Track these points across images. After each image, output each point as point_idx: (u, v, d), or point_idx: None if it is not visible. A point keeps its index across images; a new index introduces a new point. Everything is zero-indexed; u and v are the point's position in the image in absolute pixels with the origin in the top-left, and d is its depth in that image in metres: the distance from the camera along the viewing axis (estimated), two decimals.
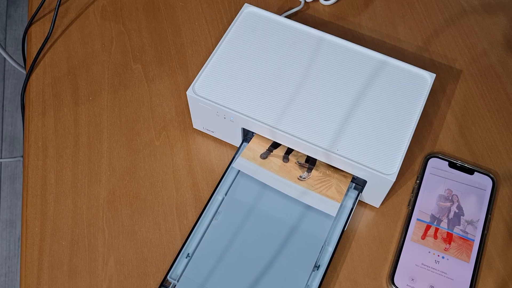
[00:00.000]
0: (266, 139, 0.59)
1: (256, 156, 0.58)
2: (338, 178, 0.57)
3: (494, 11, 0.73)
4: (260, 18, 0.63)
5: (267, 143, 0.59)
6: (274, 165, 0.58)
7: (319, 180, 0.57)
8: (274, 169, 0.58)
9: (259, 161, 0.58)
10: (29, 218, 0.59)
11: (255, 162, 0.58)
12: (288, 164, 0.58)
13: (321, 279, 0.53)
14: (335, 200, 0.56)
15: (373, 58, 0.60)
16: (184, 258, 0.54)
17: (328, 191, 0.56)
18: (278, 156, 0.59)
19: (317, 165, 0.58)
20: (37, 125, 0.65)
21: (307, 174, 0.57)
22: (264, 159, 0.58)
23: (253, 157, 0.58)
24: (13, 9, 1.79)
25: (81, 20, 0.73)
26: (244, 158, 0.58)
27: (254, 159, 0.58)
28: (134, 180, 0.61)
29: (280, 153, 0.59)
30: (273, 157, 0.58)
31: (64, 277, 0.55)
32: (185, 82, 0.67)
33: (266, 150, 0.59)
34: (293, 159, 0.58)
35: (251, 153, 0.59)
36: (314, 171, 0.57)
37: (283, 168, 0.58)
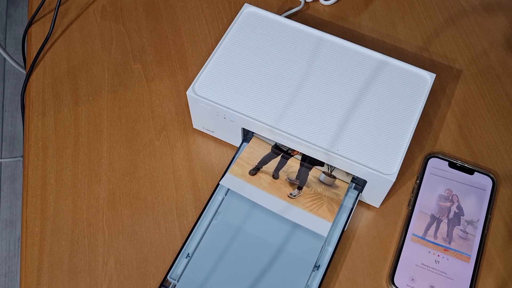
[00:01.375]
0: (255, 155, 0.58)
1: (245, 172, 0.57)
2: (329, 196, 0.56)
3: (494, 11, 0.73)
4: (260, 18, 0.63)
5: (256, 159, 0.58)
6: (264, 182, 0.56)
7: (310, 198, 0.55)
8: (263, 186, 0.56)
9: (247, 178, 0.56)
10: (29, 218, 0.59)
11: (244, 178, 0.56)
12: (278, 181, 0.56)
13: (321, 279, 0.53)
14: (326, 219, 0.54)
15: (373, 58, 0.60)
16: (184, 258, 0.54)
17: (319, 210, 0.55)
18: (268, 173, 0.57)
19: (309, 182, 0.56)
20: (37, 125, 0.65)
21: (297, 192, 0.56)
22: (253, 175, 0.56)
23: (241, 173, 0.57)
24: (13, 9, 1.79)
25: (81, 20, 0.73)
26: (232, 175, 0.57)
27: (242, 176, 0.56)
28: (134, 180, 0.61)
29: (270, 169, 0.57)
30: (262, 174, 0.57)
31: (64, 277, 0.55)
32: (185, 82, 0.67)
33: (255, 166, 0.57)
34: (283, 175, 0.57)
35: (239, 169, 0.57)
36: (305, 188, 0.56)
37: (273, 185, 0.56)
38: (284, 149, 0.59)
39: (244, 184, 0.56)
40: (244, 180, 0.56)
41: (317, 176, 0.57)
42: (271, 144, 0.59)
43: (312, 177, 0.57)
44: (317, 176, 0.57)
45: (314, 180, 0.57)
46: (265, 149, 0.59)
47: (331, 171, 0.57)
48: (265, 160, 0.58)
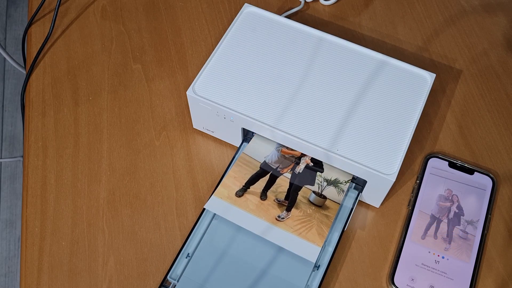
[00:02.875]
0: (242, 174, 0.56)
1: (231, 193, 0.54)
2: (319, 218, 0.53)
3: (494, 11, 0.73)
4: (260, 18, 0.63)
5: (243, 178, 0.56)
6: (251, 204, 0.54)
7: (299, 220, 0.53)
8: (250, 208, 0.53)
9: (233, 200, 0.54)
10: (29, 218, 0.59)
11: (230, 201, 0.54)
12: (265, 202, 0.54)
13: (321, 279, 0.53)
14: (315, 243, 0.52)
15: (373, 58, 0.60)
16: (184, 258, 0.54)
17: (308, 233, 0.52)
18: (255, 194, 0.54)
19: (298, 203, 0.54)
20: (37, 125, 0.65)
21: (286, 214, 0.53)
22: (240, 197, 0.54)
23: (227, 195, 0.54)
24: (13, 9, 1.79)
25: (81, 20, 0.73)
26: (217, 197, 0.54)
27: (228, 198, 0.54)
28: (134, 180, 0.61)
29: (257, 189, 0.55)
30: (249, 195, 0.54)
31: (64, 277, 0.55)
32: (185, 82, 0.67)
33: (243, 186, 0.55)
34: (272, 196, 0.55)
35: (225, 190, 0.55)
36: (294, 210, 0.54)
37: (260, 207, 0.54)
38: (273, 166, 0.57)
39: (230, 207, 0.54)
40: (230, 203, 0.54)
41: (306, 197, 0.55)
42: (259, 161, 0.57)
43: (301, 197, 0.55)
44: (307, 196, 0.55)
45: (303, 200, 0.55)
46: (253, 168, 0.57)
47: (322, 191, 0.55)
48: (252, 179, 0.56)
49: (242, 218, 0.53)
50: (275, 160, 0.57)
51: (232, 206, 0.54)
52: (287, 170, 0.57)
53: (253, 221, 0.53)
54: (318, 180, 0.56)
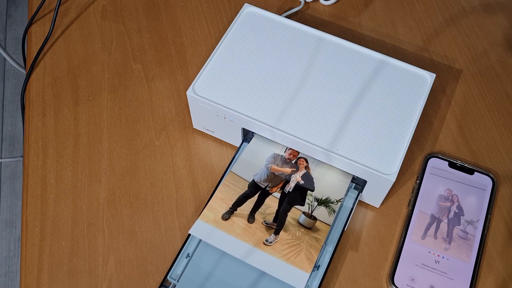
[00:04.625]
0: (229, 195, 0.54)
1: (217, 216, 0.52)
2: (308, 242, 0.52)
3: (494, 11, 0.73)
4: (260, 18, 0.63)
5: (231, 200, 0.54)
6: (237, 227, 0.52)
7: (288, 244, 0.51)
8: (236, 233, 0.51)
9: (219, 223, 0.52)
10: (29, 218, 0.59)
11: (215, 224, 0.52)
12: (253, 225, 0.52)
13: (321, 279, 0.53)
14: (304, 269, 0.50)
15: (373, 58, 0.60)
16: (184, 258, 0.54)
17: (296, 258, 0.51)
18: (243, 216, 0.52)
19: (287, 225, 0.52)
20: (37, 125, 0.65)
21: (274, 238, 0.51)
22: (226, 220, 0.52)
23: (213, 218, 0.52)
24: (13, 9, 1.79)
25: (81, 20, 0.73)
26: (202, 221, 0.52)
27: (214, 221, 0.52)
28: (134, 180, 0.61)
29: (245, 211, 0.53)
30: (236, 217, 0.52)
31: (64, 277, 0.55)
32: (185, 82, 0.67)
33: (229, 208, 0.53)
34: (260, 218, 0.53)
35: (211, 214, 0.52)
36: (282, 233, 0.52)
37: (247, 230, 0.52)
38: (262, 186, 0.55)
39: (215, 231, 0.52)
40: (215, 227, 0.52)
41: (296, 218, 0.53)
42: (248, 180, 0.56)
43: (291, 219, 0.53)
44: (296, 217, 0.53)
45: (293, 222, 0.53)
46: (241, 188, 0.55)
47: (312, 211, 0.54)
48: (240, 200, 0.54)
49: (227, 243, 0.51)
50: (264, 179, 0.56)
51: (218, 230, 0.52)
52: (277, 189, 0.55)
53: (239, 246, 0.51)
54: (308, 200, 0.54)
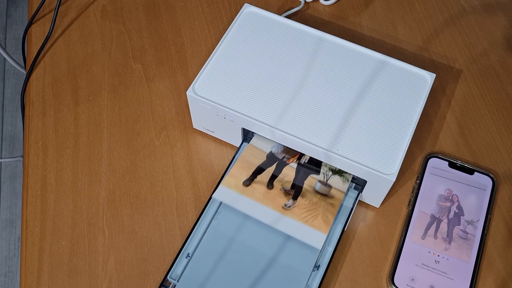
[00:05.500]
0: (249, 164, 0.57)
1: (239, 183, 0.56)
2: (324, 207, 0.55)
3: (494, 11, 0.73)
4: (260, 18, 0.63)
5: (250, 168, 0.57)
6: (258, 193, 0.55)
7: (305, 209, 0.54)
8: (257, 197, 0.55)
9: (241, 189, 0.55)
10: (29, 218, 0.59)
11: (237, 190, 0.55)
12: (272, 191, 0.55)
13: (321, 279, 0.53)
14: (321, 231, 0.53)
15: (373, 58, 0.60)
16: (184, 258, 0.54)
17: (314, 221, 0.54)
18: (262, 183, 0.56)
19: (304, 192, 0.55)
20: (37, 125, 0.65)
21: (292, 202, 0.55)
22: (247, 186, 0.55)
23: (235, 184, 0.56)
24: (13, 8, 1.79)
25: (81, 20, 0.73)
26: (225, 186, 0.55)
27: (236, 187, 0.55)
28: (134, 180, 0.61)
29: (264, 179, 0.56)
30: (256, 184, 0.55)
31: (64, 277, 0.55)
32: (185, 82, 0.67)
33: (250, 176, 0.56)
34: (278, 185, 0.56)
35: (233, 180, 0.56)
36: (300, 199, 0.55)
37: (267, 195, 0.55)
38: (279, 157, 0.58)
39: (238, 196, 0.55)
40: (237, 192, 0.55)
41: (312, 186, 0.56)
42: (266, 152, 0.58)
43: (307, 186, 0.56)
44: (312, 185, 0.56)
45: (309, 189, 0.56)
46: (260, 158, 0.58)
47: (327, 180, 0.56)
48: (259, 169, 0.57)
49: (250, 207, 0.54)
50: (281, 150, 0.58)
51: (240, 195, 0.55)
52: (293, 160, 0.58)
53: (261, 210, 0.54)
54: (323, 169, 0.57)
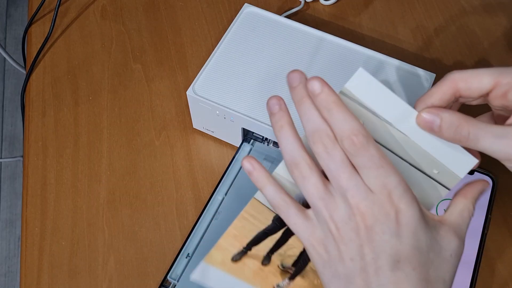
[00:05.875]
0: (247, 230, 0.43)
1: (227, 258, 0.43)
2: None
3: (494, 11, 0.73)
4: (260, 18, 0.63)
5: (247, 237, 0.43)
6: (248, 270, 0.43)
7: None
8: (245, 276, 0.43)
9: (228, 266, 0.43)
10: (29, 218, 0.59)
11: (223, 267, 0.43)
12: (267, 269, 0.43)
13: None
14: None
15: (373, 58, 0.60)
16: (184, 258, 0.54)
17: None
18: (257, 257, 0.43)
19: (306, 271, 0.43)
20: (37, 124, 0.65)
21: (286, 283, 0.42)
22: (236, 261, 0.43)
23: (221, 260, 0.43)
24: (13, 8, 1.79)
25: (81, 20, 0.73)
26: (207, 264, 0.43)
27: (222, 264, 0.43)
28: (134, 180, 0.61)
29: (261, 252, 0.43)
30: (248, 259, 0.43)
31: (64, 277, 0.55)
32: (185, 82, 0.67)
33: (242, 248, 0.43)
34: (277, 260, 0.43)
35: (219, 255, 0.43)
36: (298, 279, 0.42)
37: (259, 273, 0.43)
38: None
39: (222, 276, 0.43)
40: (222, 270, 0.43)
41: None
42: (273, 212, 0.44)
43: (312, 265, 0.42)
44: None
45: (313, 268, 0.42)
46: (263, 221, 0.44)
47: None
48: (258, 238, 0.43)
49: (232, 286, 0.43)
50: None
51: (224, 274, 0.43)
52: None
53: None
54: None
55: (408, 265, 0.34)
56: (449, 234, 0.36)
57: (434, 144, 0.38)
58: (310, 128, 0.37)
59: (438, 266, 0.35)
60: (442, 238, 0.36)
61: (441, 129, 0.37)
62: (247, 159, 0.39)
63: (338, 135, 0.36)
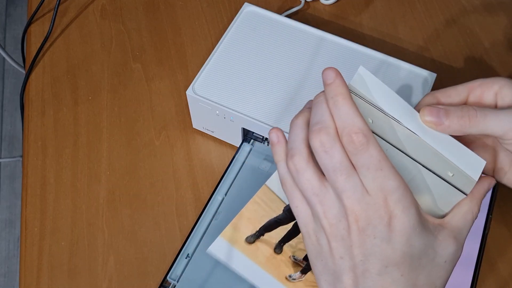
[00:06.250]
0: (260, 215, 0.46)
1: (241, 238, 0.46)
2: None
3: (495, 11, 0.73)
4: (260, 17, 0.63)
5: (259, 222, 0.46)
6: (261, 255, 0.45)
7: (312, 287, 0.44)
8: (258, 260, 0.45)
9: (242, 246, 0.45)
10: (29, 218, 0.58)
11: (237, 246, 0.45)
12: (279, 257, 0.45)
13: None
14: None
15: (374, 57, 0.60)
16: (184, 258, 0.54)
17: None
18: (269, 244, 0.45)
19: None
20: (36, 124, 0.65)
21: (298, 275, 0.44)
22: (251, 243, 0.45)
23: (236, 239, 0.46)
24: (13, 8, 1.79)
25: (80, 20, 0.73)
26: (223, 239, 0.45)
27: (236, 242, 0.45)
28: (134, 180, 0.60)
29: (273, 239, 0.45)
30: (262, 243, 0.45)
31: (64, 277, 0.55)
32: (185, 82, 0.67)
33: (256, 232, 0.45)
34: (288, 251, 0.45)
35: (235, 233, 0.46)
36: (310, 274, 0.44)
37: (271, 260, 0.44)
38: None
39: (236, 254, 0.45)
40: (237, 249, 0.45)
41: None
42: (285, 202, 0.46)
43: None
44: None
45: None
46: (275, 209, 0.46)
47: None
48: (270, 225, 0.46)
49: (248, 269, 0.45)
50: None
51: (239, 253, 0.45)
52: None
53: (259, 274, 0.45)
54: None
55: (397, 270, 0.34)
56: (448, 239, 0.36)
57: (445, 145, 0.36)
58: (313, 120, 0.36)
59: (430, 272, 0.35)
60: (439, 243, 0.35)
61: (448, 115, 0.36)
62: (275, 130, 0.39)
63: (339, 130, 0.35)
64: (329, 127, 0.35)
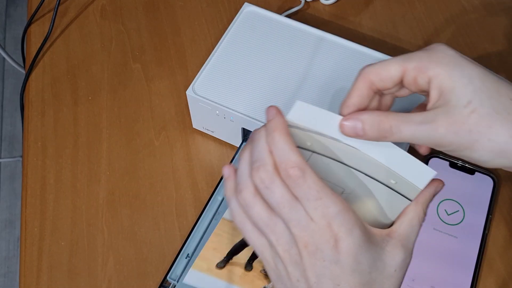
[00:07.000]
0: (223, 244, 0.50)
1: (211, 265, 0.50)
2: None
3: (495, 11, 0.73)
4: (260, 17, 0.63)
5: (225, 249, 0.50)
6: (234, 276, 0.49)
7: None
8: (232, 280, 0.49)
9: (214, 272, 0.49)
10: (28, 218, 0.58)
11: (210, 273, 0.49)
12: (251, 273, 0.49)
13: None
14: None
15: (374, 57, 0.60)
16: (184, 258, 0.54)
17: None
18: (239, 264, 0.49)
19: None
20: (36, 125, 0.65)
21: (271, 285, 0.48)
22: (221, 268, 0.49)
23: (207, 267, 0.49)
24: (13, 8, 1.79)
25: (80, 20, 0.73)
26: (196, 270, 0.49)
27: (208, 270, 0.49)
28: (134, 180, 0.60)
29: (241, 260, 0.49)
30: (232, 266, 0.49)
31: (64, 277, 0.55)
32: (185, 82, 0.67)
33: (224, 257, 0.50)
34: (258, 266, 0.49)
35: (204, 263, 0.50)
36: None
37: (244, 278, 0.49)
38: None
39: (211, 280, 0.49)
40: (210, 275, 0.49)
41: None
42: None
43: None
44: None
45: None
46: (237, 235, 0.51)
47: None
48: (236, 249, 0.50)
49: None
50: None
51: (214, 279, 0.49)
52: None
53: None
54: None
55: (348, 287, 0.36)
56: (395, 249, 0.37)
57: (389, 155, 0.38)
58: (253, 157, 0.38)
59: (382, 283, 0.36)
60: (387, 254, 0.37)
61: (365, 131, 0.38)
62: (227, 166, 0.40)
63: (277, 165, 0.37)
64: (267, 164, 0.37)
